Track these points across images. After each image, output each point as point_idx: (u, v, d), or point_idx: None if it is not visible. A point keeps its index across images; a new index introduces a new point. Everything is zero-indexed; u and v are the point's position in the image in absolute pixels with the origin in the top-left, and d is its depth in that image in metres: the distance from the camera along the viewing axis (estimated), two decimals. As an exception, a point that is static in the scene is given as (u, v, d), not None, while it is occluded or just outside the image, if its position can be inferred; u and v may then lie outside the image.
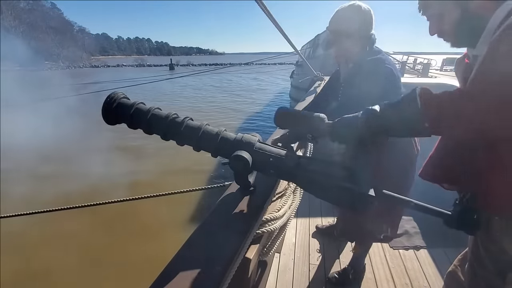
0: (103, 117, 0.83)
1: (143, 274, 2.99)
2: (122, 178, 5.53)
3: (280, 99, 16.78)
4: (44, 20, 57.57)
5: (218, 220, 0.77)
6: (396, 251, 1.91)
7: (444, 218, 0.68)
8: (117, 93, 0.84)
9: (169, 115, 0.82)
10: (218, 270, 0.59)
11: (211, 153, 0.82)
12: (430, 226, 2.12)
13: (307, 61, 4.49)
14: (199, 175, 5.77)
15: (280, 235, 0.99)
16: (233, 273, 0.62)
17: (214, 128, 0.83)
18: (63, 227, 3.83)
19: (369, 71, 1.07)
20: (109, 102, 0.81)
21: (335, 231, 1.66)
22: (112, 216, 4.05)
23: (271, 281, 1.67)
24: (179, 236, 3.60)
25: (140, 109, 0.82)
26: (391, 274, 1.72)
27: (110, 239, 3.79)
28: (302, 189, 0.92)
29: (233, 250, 0.65)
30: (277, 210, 0.93)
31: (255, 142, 0.80)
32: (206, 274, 0.58)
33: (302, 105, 2.50)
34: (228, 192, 0.92)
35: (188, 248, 0.66)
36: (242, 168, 0.75)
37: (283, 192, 1.09)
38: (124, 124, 0.85)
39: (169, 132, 0.81)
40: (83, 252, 3.51)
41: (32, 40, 51.75)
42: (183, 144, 0.83)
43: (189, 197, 4.51)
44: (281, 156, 0.78)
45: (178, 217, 4.25)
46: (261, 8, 1.27)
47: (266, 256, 0.93)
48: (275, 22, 1.47)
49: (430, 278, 1.67)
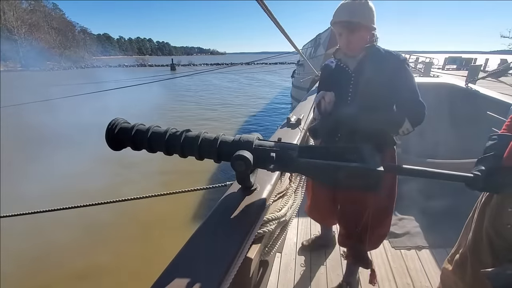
0: (108, 144, 0.86)
1: (144, 274, 3.00)
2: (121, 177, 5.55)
3: (281, 99, 16.75)
4: (46, 21, 57.78)
5: (219, 220, 0.78)
6: (398, 251, 1.90)
7: (467, 181, 0.70)
8: (117, 119, 0.86)
9: (168, 130, 0.83)
10: (220, 270, 0.59)
11: (213, 159, 0.83)
12: (431, 226, 2.11)
13: (308, 60, 4.49)
14: (201, 174, 5.77)
15: (282, 235, 0.99)
16: (235, 272, 0.62)
17: (212, 134, 0.84)
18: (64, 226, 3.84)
19: (386, 57, 1.09)
20: (111, 129, 0.83)
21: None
22: (112, 215, 4.06)
23: (273, 281, 1.67)
24: (180, 236, 3.60)
25: (140, 130, 0.84)
26: (392, 274, 1.71)
27: (109, 239, 3.80)
28: (308, 177, 0.92)
29: (235, 249, 0.65)
30: (278, 210, 0.93)
31: (254, 140, 0.80)
32: (208, 273, 0.58)
33: (303, 105, 2.50)
34: (230, 192, 0.92)
35: (190, 247, 0.66)
36: (243, 167, 0.75)
37: (284, 192, 1.09)
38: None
39: (170, 147, 0.83)
40: (84, 252, 3.52)
41: (34, 41, 51.97)
42: (186, 155, 0.84)
43: (190, 196, 4.51)
44: (282, 149, 0.78)
45: (179, 217, 4.26)
46: (262, 7, 1.27)
47: (268, 255, 0.93)
48: (276, 22, 1.46)
49: (432, 278, 1.66)
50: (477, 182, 0.70)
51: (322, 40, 8.39)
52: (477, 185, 0.70)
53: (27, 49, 49.94)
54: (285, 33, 1.71)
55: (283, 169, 0.85)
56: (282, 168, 0.81)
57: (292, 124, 1.76)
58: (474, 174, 0.71)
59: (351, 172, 0.70)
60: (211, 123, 10.71)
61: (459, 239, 1.06)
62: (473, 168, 0.78)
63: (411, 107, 1.08)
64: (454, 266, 1.04)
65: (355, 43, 1.10)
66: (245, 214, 0.78)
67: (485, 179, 0.70)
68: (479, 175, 0.71)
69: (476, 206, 0.98)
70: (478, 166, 0.78)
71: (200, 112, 12.92)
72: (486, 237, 0.89)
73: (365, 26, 1.07)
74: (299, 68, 11.95)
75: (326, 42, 7.66)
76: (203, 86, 23.80)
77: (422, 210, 2.25)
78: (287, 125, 1.77)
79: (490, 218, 0.88)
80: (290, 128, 1.72)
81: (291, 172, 1.18)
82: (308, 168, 0.76)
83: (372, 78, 1.08)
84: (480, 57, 7.94)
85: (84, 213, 3.88)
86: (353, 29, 1.06)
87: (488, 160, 0.78)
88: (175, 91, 20.12)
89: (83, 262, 3.34)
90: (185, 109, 13.73)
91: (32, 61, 45.43)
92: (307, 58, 4.82)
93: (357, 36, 1.08)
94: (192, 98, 17.08)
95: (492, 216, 0.87)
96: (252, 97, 17.49)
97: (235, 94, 18.69)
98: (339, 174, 0.71)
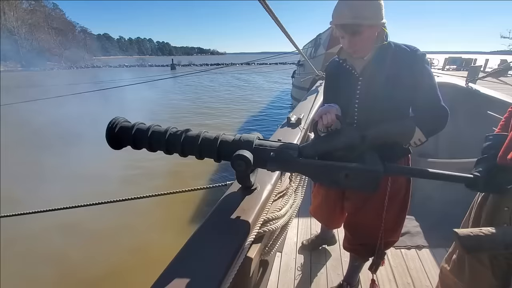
0: (108, 142, 0.86)
1: (144, 273, 2.99)
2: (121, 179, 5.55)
3: (281, 99, 16.75)
4: (46, 21, 57.82)
5: (219, 219, 0.78)
6: (398, 251, 1.90)
7: (467, 182, 0.70)
8: (117, 118, 0.86)
9: (168, 129, 0.83)
10: (220, 269, 0.59)
11: (214, 158, 0.83)
12: (432, 225, 2.11)
13: (308, 60, 4.49)
14: (201, 174, 5.77)
15: (282, 234, 0.99)
16: (235, 272, 0.62)
17: (212, 134, 0.84)
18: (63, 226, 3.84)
19: (399, 55, 0.94)
20: (111, 128, 0.84)
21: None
22: (111, 215, 4.05)
23: (273, 280, 1.67)
24: (180, 236, 3.60)
25: (140, 129, 0.84)
26: (393, 273, 1.71)
27: (109, 239, 3.80)
28: (308, 177, 0.91)
29: (235, 249, 0.65)
30: (278, 210, 0.93)
31: (254, 140, 0.80)
32: (208, 273, 0.58)
33: (304, 104, 2.50)
34: (230, 191, 0.92)
35: (190, 247, 0.66)
36: (243, 166, 0.75)
37: (285, 191, 1.08)
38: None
39: (170, 146, 0.83)
40: (83, 251, 3.52)
41: (35, 41, 52.03)
42: (186, 155, 0.84)
43: (191, 196, 4.51)
44: (282, 148, 0.78)
45: (179, 217, 4.26)
46: (264, 7, 1.26)
47: (268, 255, 0.93)
48: (277, 21, 1.46)
49: (432, 277, 1.66)
50: (477, 183, 0.71)
51: (323, 40, 8.37)
52: (477, 185, 0.71)
53: (27, 49, 50.01)
54: (286, 32, 1.71)
55: (283, 169, 0.85)
56: (282, 167, 0.81)
57: (292, 123, 1.76)
58: (474, 175, 0.71)
59: (350, 172, 0.70)
60: (211, 123, 10.70)
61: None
62: (472, 168, 0.78)
63: (428, 113, 0.92)
64: (452, 265, 1.04)
65: (359, 46, 0.94)
66: (245, 214, 0.78)
67: (485, 180, 0.70)
68: (479, 176, 0.71)
69: (473, 205, 0.99)
70: (477, 166, 0.78)
71: (200, 112, 12.92)
72: None
73: (370, 26, 0.90)
74: (299, 68, 11.93)
75: (327, 42, 7.65)
76: (203, 86, 23.80)
77: (422, 209, 2.25)
78: (287, 124, 1.77)
79: (487, 217, 0.88)
80: (290, 127, 1.72)
81: (291, 171, 1.17)
82: (308, 168, 0.76)
83: (381, 82, 0.95)
84: (480, 58, 7.92)
85: (84, 213, 3.88)
86: (355, 32, 0.90)
87: (487, 160, 0.78)
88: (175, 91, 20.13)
89: (83, 262, 3.34)
90: (183, 109, 13.73)
91: (32, 61, 45.49)
92: (307, 58, 4.82)
93: (361, 38, 0.92)
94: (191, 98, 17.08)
95: (489, 215, 0.87)
96: (252, 97, 17.49)
97: (235, 94, 18.68)
98: (339, 174, 0.71)
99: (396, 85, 0.94)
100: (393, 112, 0.96)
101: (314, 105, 2.28)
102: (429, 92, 0.92)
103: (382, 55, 0.96)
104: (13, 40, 49.41)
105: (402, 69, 0.93)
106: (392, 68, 0.94)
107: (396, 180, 1.12)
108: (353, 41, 0.93)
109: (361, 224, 1.27)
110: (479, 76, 3.76)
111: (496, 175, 0.71)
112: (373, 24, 0.91)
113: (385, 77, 0.95)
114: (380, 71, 0.96)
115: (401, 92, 0.95)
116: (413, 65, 0.93)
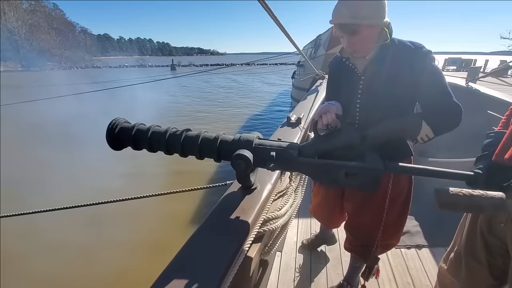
0: (108, 143, 0.86)
1: (144, 273, 2.99)
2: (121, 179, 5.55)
3: (281, 99, 16.75)
4: (46, 21, 57.85)
5: (219, 219, 0.77)
6: (398, 250, 1.90)
7: (468, 180, 0.70)
8: (118, 119, 0.87)
9: (168, 129, 0.83)
10: (220, 269, 0.59)
11: (214, 158, 0.83)
12: (432, 225, 2.11)
13: (309, 60, 4.51)
14: (201, 174, 5.77)
15: (282, 234, 0.99)
16: (235, 272, 0.62)
17: (212, 134, 0.84)
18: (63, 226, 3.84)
19: (403, 52, 0.93)
20: (111, 129, 0.84)
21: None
22: (111, 215, 4.05)
23: (273, 280, 1.67)
24: (180, 235, 3.60)
25: (140, 130, 0.84)
26: (393, 273, 1.71)
27: (109, 239, 3.80)
28: (308, 176, 0.90)
29: (235, 249, 0.65)
30: (278, 209, 0.93)
31: (254, 139, 0.80)
32: (208, 273, 0.58)
33: (304, 104, 2.50)
34: (230, 191, 0.92)
35: (190, 247, 0.66)
36: (243, 166, 0.75)
37: (285, 191, 1.08)
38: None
39: (170, 146, 0.83)
40: (84, 251, 3.52)
41: (35, 41, 52.06)
42: (186, 155, 0.84)
43: (190, 196, 4.51)
44: (282, 148, 0.78)
45: (179, 216, 4.26)
46: (264, 7, 1.26)
47: (268, 255, 0.92)
48: (277, 21, 1.46)
49: (432, 277, 1.66)
50: (478, 180, 0.70)
51: (323, 41, 8.39)
52: (478, 183, 0.70)
53: (27, 50, 50.03)
54: (285, 32, 1.71)
55: (283, 168, 0.85)
56: (282, 167, 0.81)
57: (292, 123, 1.76)
58: (474, 172, 0.71)
59: (350, 171, 0.70)
60: (211, 123, 10.71)
61: (454, 238, 1.07)
62: (473, 166, 0.78)
63: (438, 110, 0.90)
64: (449, 265, 1.04)
65: (358, 45, 0.94)
66: (245, 213, 0.78)
67: (486, 177, 0.70)
68: (479, 173, 0.71)
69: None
70: (477, 163, 0.78)
71: (199, 112, 12.92)
72: (480, 236, 0.90)
73: (369, 26, 0.89)
74: (299, 69, 11.93)
75: (327, 43, 7.67)
76: (203, 86, 23.81)
77: (422, 209, 2.25)
78: (287, 124, 1.77)
79: (484, 217, 0.89)
80: (290, 127, 1.72)
81: (291, 171, 1.17)
82: (308, 167, 0.76)
83: (384, 81, 0.95)
84: (480, 58, 7.91)
85: (84, 212, 3.89)
86: (354, 32, 0.89)
87: (487, 157, 0.78)
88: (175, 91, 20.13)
89: (83, 262, 3.34)
90: (183, 108, 13.74)
91: (33, 62, 45.51)
92: (307, 58, 4.83)
93: (359, 38, 0.91)
94: (192, 98, 17.09)
95: (486, 215, 0.87)
96: (252, 96, 17.49)
97: (234, 94, 18.69)
98: (339, 173, 0.71)
99: (396, 83, 0.94)
100: (394, 109, 0.95)
101: (314, 105, 2.28)
102: (435, 88, 0.91)
103: (386, 53, 0.95)
104: (13, 40, 49.45)
105: (402, 68, 0.93)
106: (392, 67, 0.94)
107: (397, 182, 1.12)
108: (352, 41, 0.93)
109: (361, 226, 1.27)
110: (479, 76, 3.76)
111: (496, 172, 0.71)
112: (372, 24, 0.89)
113: (387, 77, 0.94)
114: (381, 70, 0.96)
115: (401, 90, 0.94)
116: (413, 63, 0.92)
